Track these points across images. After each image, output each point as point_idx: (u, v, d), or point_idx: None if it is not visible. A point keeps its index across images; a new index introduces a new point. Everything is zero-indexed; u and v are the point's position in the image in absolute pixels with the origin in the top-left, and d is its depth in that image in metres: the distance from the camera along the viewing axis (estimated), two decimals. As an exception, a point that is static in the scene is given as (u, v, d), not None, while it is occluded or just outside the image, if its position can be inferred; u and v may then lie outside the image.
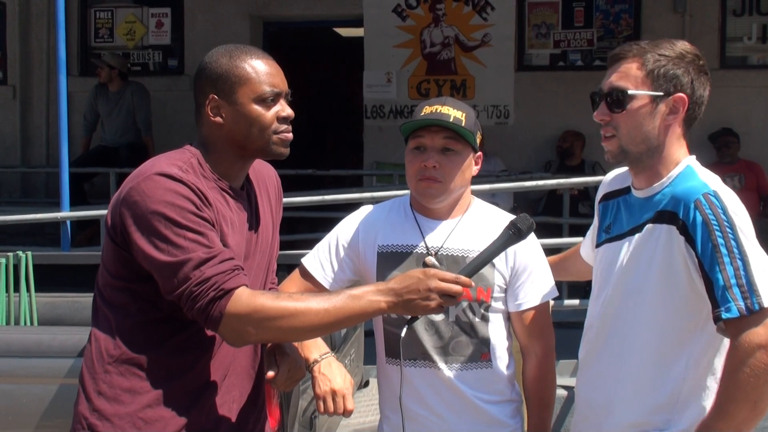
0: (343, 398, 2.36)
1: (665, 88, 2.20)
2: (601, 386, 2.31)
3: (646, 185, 2.27)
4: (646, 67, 2.21)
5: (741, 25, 8.65)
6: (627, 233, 2.29)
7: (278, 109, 2.18)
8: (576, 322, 6.45)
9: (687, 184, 2.18)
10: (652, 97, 2.20)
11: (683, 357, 2.18)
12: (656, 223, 2.19)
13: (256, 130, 2.16)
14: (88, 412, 2.13)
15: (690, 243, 2.11)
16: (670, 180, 2.23)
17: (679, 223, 2.14)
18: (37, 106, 9.62)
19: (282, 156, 2.22)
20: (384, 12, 8.90)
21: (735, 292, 2.05)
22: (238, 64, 2.16)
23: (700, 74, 2.24)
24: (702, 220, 2.09)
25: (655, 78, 2.20)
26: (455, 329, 2.48)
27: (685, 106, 2.21)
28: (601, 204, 2.47)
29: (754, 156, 8.07)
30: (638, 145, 2.23)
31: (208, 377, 2.17)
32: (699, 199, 2.12)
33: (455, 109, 2.46)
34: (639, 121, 2.21)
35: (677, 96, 2.20)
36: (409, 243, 2.52)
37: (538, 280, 2.52)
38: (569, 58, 8.89)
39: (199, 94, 2.20)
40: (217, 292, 2.00)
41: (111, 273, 2.15)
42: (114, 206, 2.12)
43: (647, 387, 2.22)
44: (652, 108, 2.21)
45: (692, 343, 2.18)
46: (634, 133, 2.22)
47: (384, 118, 9.00)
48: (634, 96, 2.21)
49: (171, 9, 9.53)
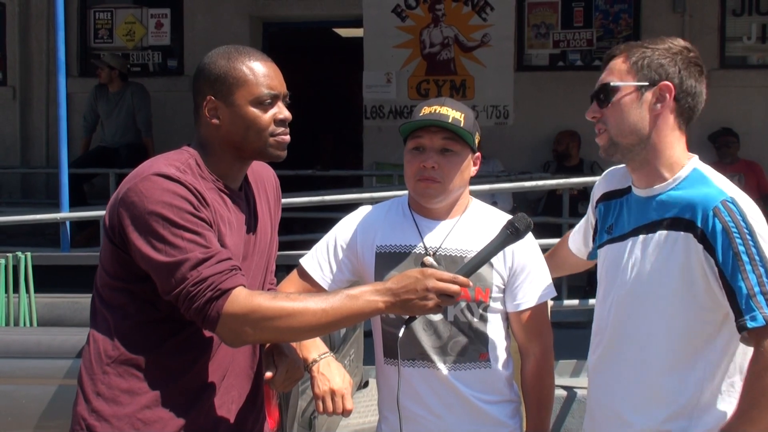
0: (342, 398, 2.36)
1: (650, 77, 2.21)
2: (614, 392, 2.29)
3: (647, 184, 2.27)
4: (631, 59, 2.24)
5: (740, 25, 8.65)
6: (630, 233, 2.28)
7: (275, 111, 2.18)
8: (575, 322, 6.48)
9: (702, 191, 2.16)
10: (637, 87, 2.21)
11: (700, 363, 2.17)
12: (671, 230, 2.17)
13: (252, 132, 2.16)
14: (87, 413, 2.13)
15: (709, 251, 2.09)
16: (677, 182, 2.22)
17: (697, 231, 2.12)
18: (36, 107, 9.62)
19: (279, 158, 2.21)
20: (383, 12, 8.90)
21: (759, 300, 2.03)
22: (236, 65, 2.16)
23: (690, 65, 2.23)
24: (722, 228, 2.07)
25: (639, 68, 2.22)
26: (453, 329, 2.47)
27: (672, 93, 2.20)
28: (600, 204, 2.45)
29: (755, 156, 8.07)
30: (627, 136, 2.23)
31: (206, 378, 2.17)
32: (717, 207, 2.10)
33: (454, 109, 2.46)
34: (625, 112, 2.22)
35: (662, 84, 2.20)
36: (407, 243, 2.52)
37: (536, 281, 2.52)
38: (569, 58, 8.89)
39: (197, 95, 2.20)
40: (215, 292, 2.00)
41: (109, 274, 2.15)
42: (112, 207, 2.12)
43: (663, 394, 2.20)
44: (637, 97, 2.21)
45: (709, 350, 2.17)
46: (621, 124, 2.23)
47: (383, 118, 9.00)
48: (618, 88, 2.22)
49: (171, 9, 9.52)
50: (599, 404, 2.36)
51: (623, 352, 2.27)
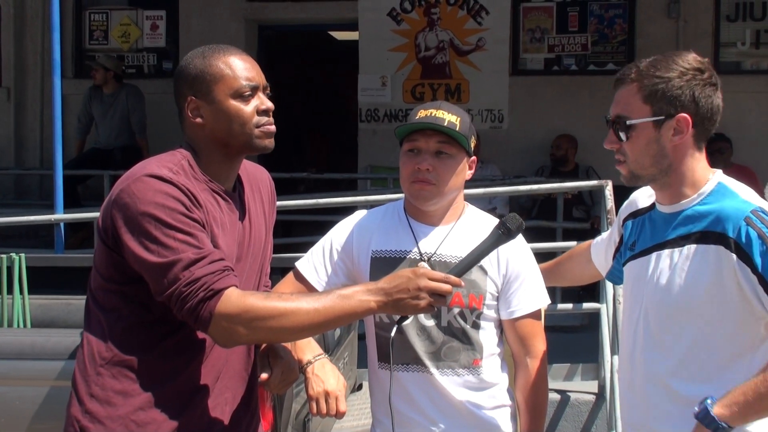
0: (335, 400, 2.36)
1: (666, 111, 2.18)
2: (648, 410, 2.27)
3: (671, 201, 2.26)
4: (644, 92, 2.19)
5: (735, 31, 8.68)
6: (652, 248, 2.28)
7: (257, 102, 2.18)
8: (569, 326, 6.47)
9: (729, 203, 2.16)
10: (654, 122, 2.19)
11: (737, 376, 2.13)
12: (701, 244, 2.16)
13: (237, 125, 2.16)
14: (81, 414, 2.13)
15: (745, 260, 2.08)
16: (701, 197, 2.21)
17: (729, 242, 2.11)
18: (31, 108, 9.60)
19: (267, 149, 2.21)
20: (379, 16, 8.91)
21: None
22: (212, 62, 2.17)
23: (705, 87, 2.20)
24: (757, 235, 2.07)
25: (654, 101, 2.18)
26: (447, 335, 2.48)
27: (689, 124, 2.18)
28: (627, 222, 2.45)
29: (748, 161, 8.09)
30: (648, 169, 2.22)
31: (200, 380, 2.17)
32: (749, 217, 2.10)
33: (450, 113, 2.46)
34: (644, 148, 2.21)
35: (680, 116, 2.17)
36: (402, 249, 2.52)
37: (530, 288, 2.52)
38: (563, 63, 8.90)
39: (179, 97, 2.21)
40: (207, 293, 2.00)
41: (103, 276, 2.15)
42: (105, 209, 2.12)
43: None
44: (655, 132, 2.19)
45: (747, 361, 2.15)
46: (641, 159, 2.22)
47: (378, 121, 9.00)
48: (635, 125, 2.20)
49: (166, 12, 9.51)
50: (632, 423, 2.33)
51: (656, 367, 2.25)
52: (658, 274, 2.24)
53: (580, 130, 8.07)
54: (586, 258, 2.71)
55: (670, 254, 2.22)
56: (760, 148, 8.34)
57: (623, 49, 8.75)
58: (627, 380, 2.37)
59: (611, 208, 5.04)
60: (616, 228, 2.54)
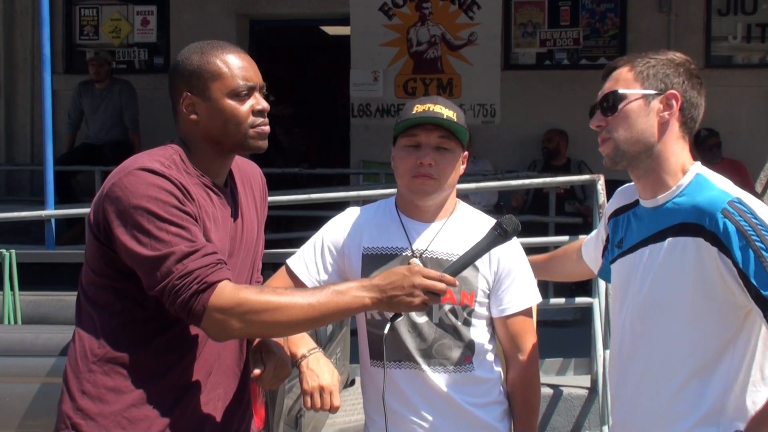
0: (330, 394, 2.36)
1: (656, 86, 2.21)
2: (637, 407, 2.27)
3: (652, 194, 2.26)
4: (636, 69, 2.23)
5: (726, 25, 8.69)
6: (638, 244, 2.27)
7: (253, 102, 2.17)
8: (561, 321, 6.48)
9: (706, 194, 2.16)
10: (644, 95, 2.21)
11: (723, 367, 2.14)
12: (679, 236, 2.16)
13: (231, 125, 2.15)
14: (72, 411, 2.12)
15: (725, 253, 2.08)
16: (680, 189, 2.21)
17: (707, 234, 2.10)
18: (21, 104, 9.57)
19: (260, 149, 2.21)
20: (371, 11, 8.90)
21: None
22: (210, 59, 2.15)
23: (692, 77, 2.24)
24: (735, 229, 2.06)
25: (645, 77, 2.21)
26: (438, 332, 2.47)
27: (678, 102, 2.20)
28: (611, 220, 2.45)
29: (739, 155, 8.11)
30: (634, 144, 2.22)
31: (192, 376, 2.16)
32: (725, 208, 2.09)
33: (447, 108, 2.46)
34: (633, 120, 2.21)
35: (669, 92, 2.20)
36: (394, 245, 2.52)
37: (521, 286, 2.52)
38: (555, 57, 8.90)
39: (174, 92, 2.20)
40: (200, 285, 1.99)
41: (95, 271, 2.14)
42: (97, 203, 2.11)
43: (688, 402, 2.17)
44: (644, 105, 2.21)
45: (731, 353, 2.15)
46: (629, 132, 2.21)
47: (370, 116, 8.99)
48: (625, 95, 2.21)
49: (157, 7, 9.48)
50: (623, 422, 2.33)
51: (640, 364, 2.25)
52: (643, 271, 2.24)
53: (571, 124, 8.07)
54: (578, 256, 2.72)
55: (653, 250, 2.22)
56: (751, 141, 8.37)
57: (615, 43, 8.76)
58: (616, 377, 2.37)
59: (603, 202, 5.05)
60: (602, 226, 2.54)
